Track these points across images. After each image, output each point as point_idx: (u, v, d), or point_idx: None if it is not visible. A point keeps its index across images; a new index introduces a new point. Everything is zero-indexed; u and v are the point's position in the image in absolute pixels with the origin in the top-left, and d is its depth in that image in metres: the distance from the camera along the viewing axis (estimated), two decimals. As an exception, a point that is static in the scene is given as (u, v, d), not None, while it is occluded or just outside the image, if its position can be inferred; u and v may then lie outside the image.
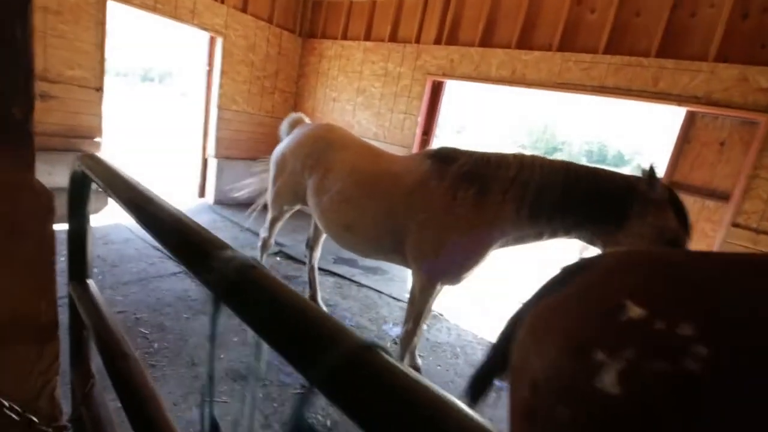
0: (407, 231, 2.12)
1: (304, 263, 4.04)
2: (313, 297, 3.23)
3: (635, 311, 0.65)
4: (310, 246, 3.22)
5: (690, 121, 3.89)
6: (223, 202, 5.62)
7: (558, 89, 4.24)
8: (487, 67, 4.57)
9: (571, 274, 0.89)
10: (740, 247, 3.52)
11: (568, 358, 0.68)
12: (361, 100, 5.62)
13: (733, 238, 3.57)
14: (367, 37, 5.57)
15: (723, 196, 3.75)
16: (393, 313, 3.58)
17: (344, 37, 5.82)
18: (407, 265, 2.26)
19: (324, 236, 3.17)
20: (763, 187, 3.47)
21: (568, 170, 1.83)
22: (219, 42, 5.33)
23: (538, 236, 1.94)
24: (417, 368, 2.72)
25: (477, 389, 1.12)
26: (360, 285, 3.99)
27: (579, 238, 1.87)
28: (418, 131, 5.15)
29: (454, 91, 5.26)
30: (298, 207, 2.85)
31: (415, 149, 5.19)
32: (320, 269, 3.42)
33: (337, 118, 5.89)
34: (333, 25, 6.00)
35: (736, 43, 3.51)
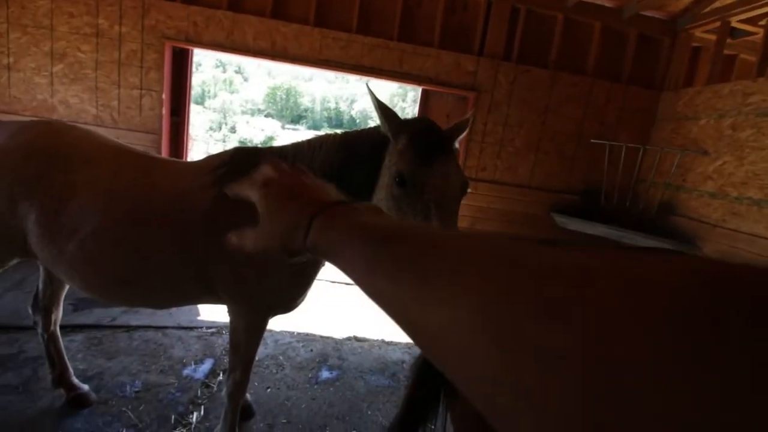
0: (217, 266, 1.60)
1: (22, 329, 2.66)
2: (63, 377, 2.16)
3: None
4: (44, 307, 2.07)
5: (425, 97, 4.65)
6: None
7: (321, 66, 4.19)
8: (242, 36, 3.99)
9: None
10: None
11: None
12: (63, 70, 3.94)
13: (461, 188, 4.57)
14: (52, -23, 3.84)
15: (452, 157, 4.78)
16: (190, 348, 2.87)
17: (4, -30, 3.81)
18: (223, 303, 1.75)
19: (66, 289, 2.10)
20: (476, 148, 4.58)
21: (343, 143, 1.55)
22: None
23: None
24: (249, 407, 2.29)
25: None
26: (129, 329, 2.98)
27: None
28: (165, 111, 4.11)
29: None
30: (14, 262, 1.74)
31: (164, 135, 4.14)
32: (60, 328, 2.30)
33: (21, 96, 3.95)
34: (-27, -54, 3.81)
35: (450, 34, 4.33)
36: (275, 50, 4.07)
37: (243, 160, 1.65)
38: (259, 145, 1.84)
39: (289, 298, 1.72)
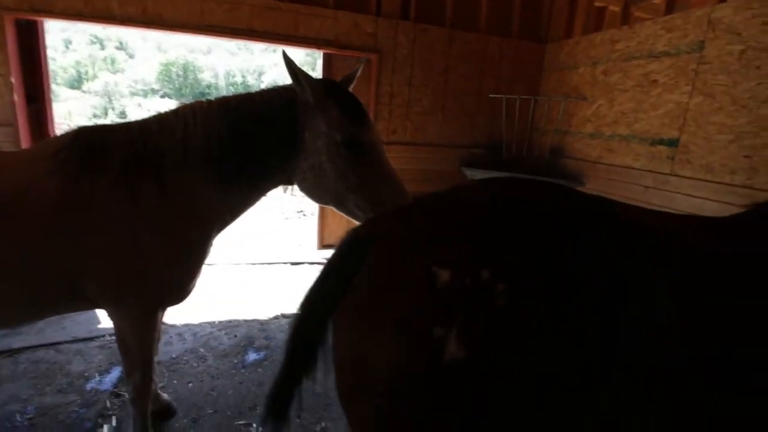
0: (84, 265, 1.40)
1: None
2: None
3: (444, 275, 0.67)
4: None
5: (328, 61, 4.46)
6: None
7: (205, 32, 3.79)
8: (104, 2, 3.43)
9: (358, 250, 0.83)
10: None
11: (414, 345, 0.67)
12: None
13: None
14: None
15: (364, 123, 4.71)
16: (92, 360, 2.59)
17: None
18: (100, 307, 1.56)
19: None
20: (385, 110, 4.57)
21: (227, 109, 1.48)
22: None
23: (246, 202, 1.63)
24: (168, 407, 2.14)
25: (284, 396, 0.93)
26: (12, 352, 2.59)
27: (278, 184, 1.63)
28: (17, 98, 3.46)
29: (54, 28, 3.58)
30: None
31: (21, 126, 3.51)
32: None
33: None
34: None
35: (345, -8, 4.15)
36: (148, 17, 3.57)
37: (88, 141, 1.43)
38: (111, 122, 1.61)
39: (178, 290, 1.58)
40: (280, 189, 1.71)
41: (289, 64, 1.42)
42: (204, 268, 1.70)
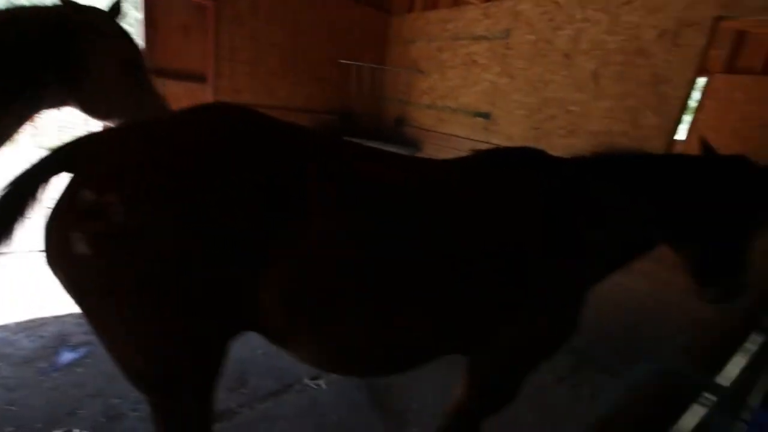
0: None
1: None
2: None
3: (88, 195, 0.90)
4: None
5: (150, 6, 3.75)
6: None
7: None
8: None
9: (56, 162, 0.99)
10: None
11: (58, 242, 0.93)
12: None
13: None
14: None
15: (201, 78, 4.12)
16: None
17: None
18: None
19: None
20: (226, 67, 4.14)
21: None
22: None
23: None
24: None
25: None
26: None
27: (43, 109, 1.53)
28: None
29: None
30: None
31: None
32: None
33: None
34: None
35: None
36: None
37: None
38: None
39: None
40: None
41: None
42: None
